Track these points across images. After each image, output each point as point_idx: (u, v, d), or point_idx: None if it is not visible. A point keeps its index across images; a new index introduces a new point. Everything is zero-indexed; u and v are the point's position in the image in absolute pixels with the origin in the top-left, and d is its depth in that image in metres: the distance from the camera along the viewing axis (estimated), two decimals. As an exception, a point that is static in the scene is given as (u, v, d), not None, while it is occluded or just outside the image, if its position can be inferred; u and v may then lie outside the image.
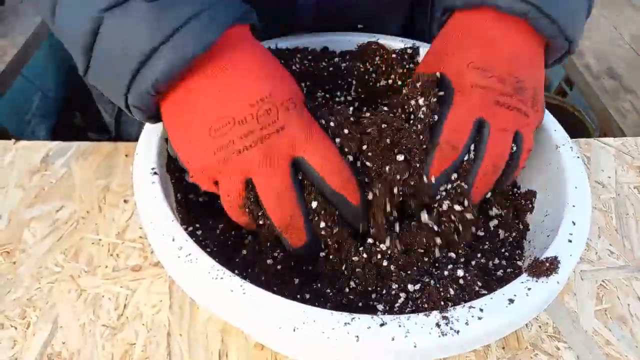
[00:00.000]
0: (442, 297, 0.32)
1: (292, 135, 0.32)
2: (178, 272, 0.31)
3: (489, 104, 0.35)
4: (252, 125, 0.31)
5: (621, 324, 0.43)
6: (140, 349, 0.39)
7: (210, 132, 0.32)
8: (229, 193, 0.33)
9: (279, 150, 0.32)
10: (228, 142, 0.31)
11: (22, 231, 0.47)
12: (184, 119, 0.33)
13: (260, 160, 0.31)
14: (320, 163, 0.33)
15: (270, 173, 0.32)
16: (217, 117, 0.32)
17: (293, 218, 0.33)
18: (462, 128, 0.35)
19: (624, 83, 0.97)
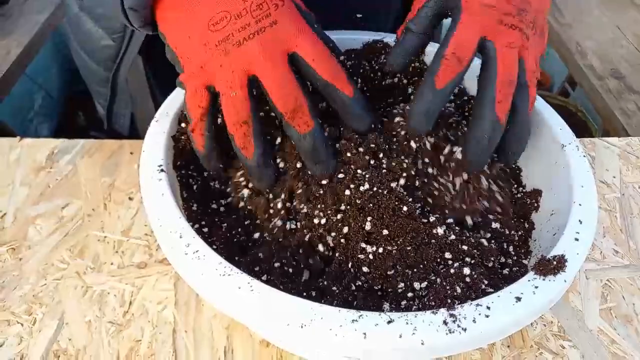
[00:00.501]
0: (449, 294, 0.32)
1: (285, 30, 0.34)
2: (185, 269, 0.31)
3: (494, 22, 0.36)
4: (248, 18, 0.33)
5: (626, 323, 0.43)
6: (146, 346, 0.39)
7: (209, 27, 0.33)
8: (231, 86, 0.34)
9: (275, 43, 0.34)
10: (228, 35, 0.33)
11: (28, 228, 0.47)
12: (181, 16, 0.34)
13: (260, 52, 0.33)
14: (311, 56, 0.34)
15: (272, 64, 0.33)
16: (214, 11, 0.33)
17: (298, 101, 0.34)
18: (467, 43, 0.36)
19: (628, 83, 0.97)
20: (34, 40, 1.01)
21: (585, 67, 1.01)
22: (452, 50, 0.36)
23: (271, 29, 0.33)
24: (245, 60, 0.33)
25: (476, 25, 0.36)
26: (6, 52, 0.96)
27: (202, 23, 0.33)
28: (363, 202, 0.34)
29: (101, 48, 0.59)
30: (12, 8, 1.07)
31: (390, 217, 0.34)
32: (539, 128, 0.43)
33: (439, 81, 0.35)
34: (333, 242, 0.35)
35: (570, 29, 1.13)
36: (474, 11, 0.36)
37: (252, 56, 0.33)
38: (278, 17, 0.34)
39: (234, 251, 0.36)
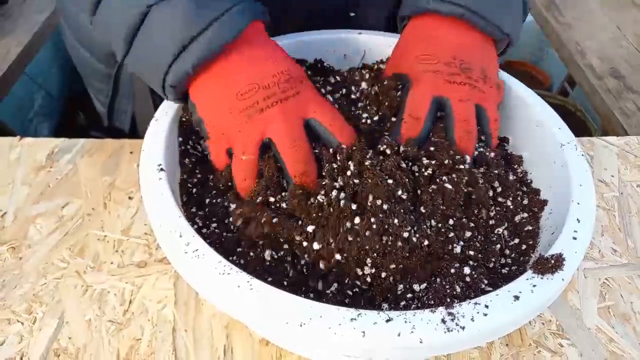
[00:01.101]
0: (448, 294, 0.32)
1: (307, 99, 0.38)
2: (185, 268, 0.32)
3: (442, 82, 0.40)
4: (275, 89, 0.37)
5: (624, 322, 0.43)
6: (146, 345, 0.39)
7: (237, 97, 0.36)
8: (245, 150, 0.36)
9: (295, 109, 0.37)
10: (253, 103, 0.36)
11: (28, 227, 0.47)
12: (213, 88, 0.37)
13: (279, 116, 0.36)
14: (330, 121, 0.38)
15: (287, 125, 0.36)
16: (244, 84, 0.37)
17: (307, 163, 0.36)
18: (421, 102, 0.40)
19: (628, 83, 0.97)
20: (34, 40, 1.01)
21: (585, 67, 1.01)
22: (408, 112, 0.40)
23: (294, 98, 0.37)
24: (265, 124, 0.36)
25: (426, 87, 0.41)
26: (6, 52, 0.96)
27: (232, 93, 0.36)
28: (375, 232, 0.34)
29: (100, 44, 0.59)
30: (12, 8, 1.07)
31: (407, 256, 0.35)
32: (538, 128, 0.44)
33: (402, 140, 0.40)
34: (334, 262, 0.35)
35: (570, 29, 1.13)
36: (421, 78, 0.41)
37: (272, 119, 0.36)
38: (302, 89, 0.38)
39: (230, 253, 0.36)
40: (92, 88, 0.68)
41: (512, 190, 0.41)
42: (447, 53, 0.42)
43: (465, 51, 0.42)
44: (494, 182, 0.40)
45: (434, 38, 0.43)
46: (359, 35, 0.51)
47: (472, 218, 0.38)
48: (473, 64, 0.41)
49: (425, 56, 0.42)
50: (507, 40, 0.45)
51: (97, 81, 0.65)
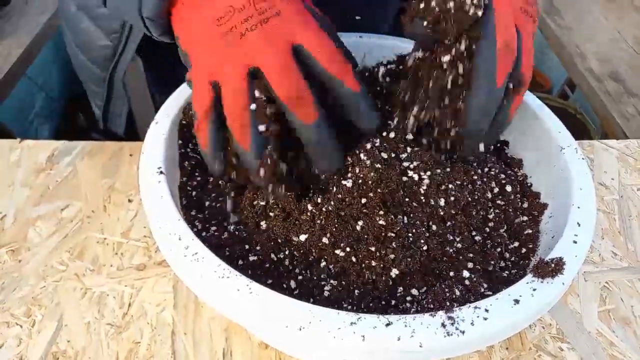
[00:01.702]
0: (448, 297, 0.32)
1: (289, 21, 0.33)
2: (184, 271, 0.31)
3: (518, 10, 0.36)
4: (251, 10, 0.33)
5: (625, 326, 0.43)
6: (145, 348, 0.39)
7: (214, 22, 0.33)
8: (232, 78, 0.33)
9: (278, 33, 0.33)
10: (231, 27, 0.33)
11: (28, 230, 0.47)
12: (191, 16, 0.35)
13: (262, 41, 0.33)
14: (316, 47, 0.33)
15: (273, 51, 0.33)
16: (220, 7, 0.33)
17: (300, 90, 0.33)
18: (512, 30, 0.35)
19: (628, 86, 0.97)
20: (35, 41, 1.01)
21: (585, 70, 1.01)
22: (503, 39, 0.34)
23: (274, 19, 0.33)
24: (247, 50, 0.33)
25: (510, 12, 0.35)
26: (7, 53, 0.96)
27: (209, 19, 0.33)
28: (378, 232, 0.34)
29: (98, 48, 0.59)
30: (13, 9, 1.07)
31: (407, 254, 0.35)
32: (538, 131, 0.44)
33: (499, 78, 0.34)
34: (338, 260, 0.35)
35: (570, 32, 1.13)
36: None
37: (254, 46, 0.33)
38: (282, 9, 0.33)
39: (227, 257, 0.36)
40: (89, 91, 0.68)
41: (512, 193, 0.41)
42: None
43: None
44: (491, 183, 0.40)
45: None
46: (358, 39, 0.51)
47: (471, 221, 0.38)
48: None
49: None
50: None
51: (93, 84, 0.65)
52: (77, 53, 0.64)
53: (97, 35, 0.58)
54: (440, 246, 0.36)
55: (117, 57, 0.59)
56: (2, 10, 1.06)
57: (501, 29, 0.34)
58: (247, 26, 0.33)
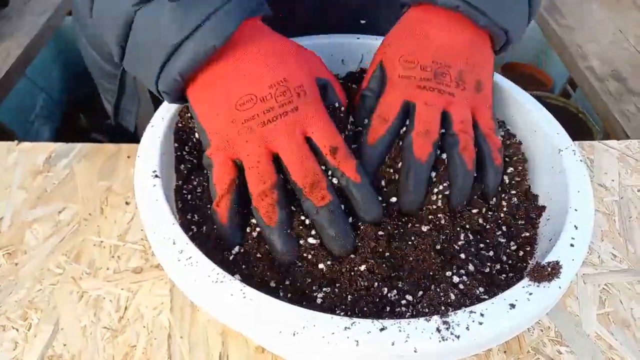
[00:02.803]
0: (443, 301, 0.32)
1: (305, 115, 0.37)
2: (178, 275, 0.31)
3: (412, 88, 0.40)
4: (272, 103, 0.36)
5: (624, 328, 0.43)
6: (141, 351, 0.39)
7: (236, 107, 0.36)
8: (258, 159, 0.35)
9: (297, 126, 0.36)
10: (253, 115, 0.36)
11: (25, 232, 0.47)
12: (211, 95, 0.37)
13: (282, 131, 0.36)
14: (323, 142, 0.37)
15: (293, 142, 0.36)
16: (241, 95, 0.36)
17: (316, 175, 0.35)
18: (390, 106, 0.40)
19: (629, 86, 0.96)
20: (34, 42, 1.01)
21: (586, 69, 1.01)
22: (377, 113, 0.41)
23: (293, 113, 0.36)
24: (269, 137, 0.35)
25: (397, 92, 0.41)
26: (6, 54, 0.96)
27: (230, 103, 0.36)
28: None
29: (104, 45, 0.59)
30: (12, 10, 1.07)
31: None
32: (536, 133, 0.43)
33: (369, 139, 0.40)
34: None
35: (571, 31, 1.13)
36: (395, 82, 0.41)
37: (275, 135, 0.35)
38: (299, 104, 0.36)
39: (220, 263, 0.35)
40: (100, 87, 0.69)
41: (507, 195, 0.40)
42: (428, 55, 0.41)
43: (448, 52, 0.41)
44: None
45: (421, 36, 0.42)
46: (357, 40, 0.51)
47: (466, 224, 0.38)
48: (452, 67, 0.41)
49: (408, 59, 0.41)
50: (502, 39, 0.43)
51: (104, 81, 0.66)
52: (89, 49, 0.64)
53: None
54: (436, 249, 0.35)
55: None
56: (1, 12, 1.06)
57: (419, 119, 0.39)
58: (269, 117, 0.36)
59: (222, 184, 0.36)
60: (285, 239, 0.35)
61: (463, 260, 0.36)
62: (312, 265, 0.34)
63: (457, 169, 0.39)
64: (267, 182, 0.35)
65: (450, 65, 0.41)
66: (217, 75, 0.37)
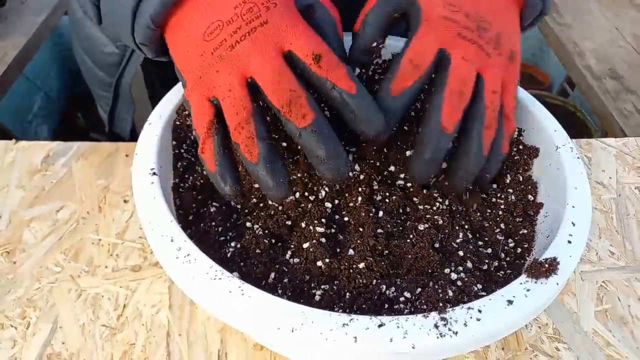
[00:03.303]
0: (441, 298, 0.32)
1: (276, 28, 0.33)
2: (176, 273, 0.31)
3: (452, 35, 0.35)
4: (239, 22, 0.33)
5: (622, 325, 0.43)
6: (140, 349, 0.39)
7: (204, 37, 0.34)
8: (230, 88, 0.33)
9: (267, 41, 0.33)
10: (221, 41, 0.33)
11: (23, 231, 0.47)
12: (181, 37, 0.35)
13: (252, 50, 0.32)
14: (305, 51, 0.33)
15: (264, 58, 0.32)
16: (208, 23, 0.34)
17: (294, 92, 0.32)
18: (425, 52, 0.35)
19: (626, 84, 0.96)
20: (31, 42, 1.01)
21: (583, 68, 1.01)
22: (409, 58, 0.35)
23: (262, 28, 0.33)
24: (240, 61, 0.33)
25: (435, 36, 0.35)
26: (3, 54, 0.96)
27: (199, 35, 0.34)
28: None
29: (105, 54, 0.59)
30: (9, 10, 1.07)
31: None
32: (533, 130, 0.43)
33: (393, 89, 0.35)
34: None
35: (568, 30, 1.13)
36: (433, 22, 0.36)
37: (246, 56, 0.32)
38: (269, 17, 0.33)
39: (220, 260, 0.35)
40: (95, 94, 0.69)
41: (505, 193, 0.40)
42: (472, 4, 0.36)
43: (490, 8, 0.37)
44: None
45: None
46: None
47: (464, 221, 0.38)
48: (493, 26, 0.36)
49: (450, 0, 0.36)
50: (539, 6, 0.39)
51: (99, 88, 0.65)
52: (84, 57, 0.64)
53: (104, 42, 0.58)
54: (434, 246, 0.35)
55: (124, 64, 0.59)
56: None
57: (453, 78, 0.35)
58: (237, 38, 0.33)
59: (201, 126, 0.34)
60: (272, 174, 0.32)
61: (461, 257, 0.36)
62: (311, 263, 0.34)
63: (473, 148, 0.35)
64: (242, 112, 0.32)
65: (491, 22, 0.36)
66: (185, 12, 0.35)
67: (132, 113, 0.65)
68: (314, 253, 0.35)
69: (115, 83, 0.62)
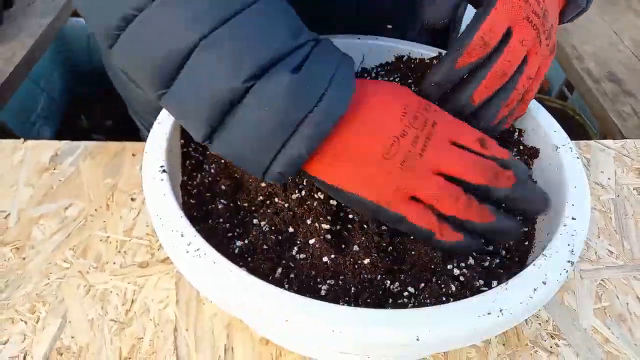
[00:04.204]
0: (444, 293, 0.33)
1: (444, 124, 0.35)
2: (186, 267, 0.32)
3: (521, 16, 0.36)
4: (413, 131, 0.33)
5: (620, 322, 0.44)
6: (148, 344, 0.40)
7: (384, 157, 0.33)
8: (439, 188, 0.33)
9: (445, 141, 0.34)
10: (406, 153, 0.33)
11: (32, 228, 0.48)
12: (349, 161, 0.33)
13: (439, 153, 0.33)
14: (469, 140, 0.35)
15: (455, 156, 0.34)
16: (381, 144, 0.33)
17: (494, 167, 0.34)
18: (497, 30, 0.36)
19: (625, 87, 0.98)
20: (38, 44, 1.02)
21: (582, 71, 1.02)
22: (481, 34, 0.36)
23: (434, 128, 0.34)
24: (432, 163, 0.33)
25: (508, 15, 0.36)
26: (11, 55, 0.97)
27: (377, 156, 0.33)
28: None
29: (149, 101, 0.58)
30: (17, 11, 1.08)
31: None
32: (533, 130, 0.44)
33: (459, 62, 0.36)
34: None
35: (567, 33, 1.14)
36: (510, 1, 0.36)
37: (436, 156, 0.33)
38: (434, 118, 0.35)
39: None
40: (145, 122, 0.66)
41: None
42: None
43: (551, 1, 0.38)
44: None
45: None
46: (357, 40, 0.52)
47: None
48: (550, 15, 0.37)
49: None
50: (583, 3, 0.40)
51: (148, 114, 0.62)
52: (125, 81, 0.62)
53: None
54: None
55: None
56: (6, 12, 1.07)
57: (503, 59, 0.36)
58: (420, 145, 0.33)
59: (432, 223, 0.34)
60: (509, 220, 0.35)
61: (463, 254, 0.36)
62: (316, 258, 0.35)
63: (486, 116, 0.38)
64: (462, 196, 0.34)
65: (550, 13, 0.38)
66: (348, 137, 0.33)
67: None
68: (319, 249, 0.36)
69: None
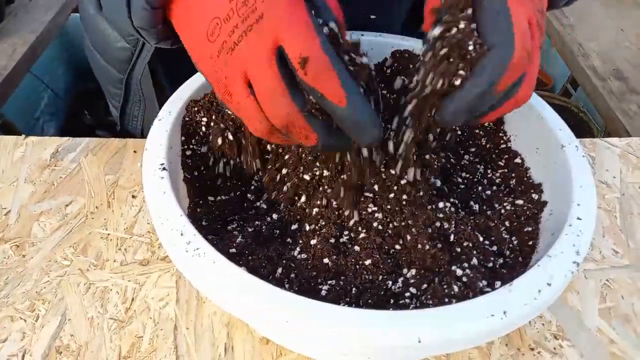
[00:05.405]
0: (447, 293, 0.32)
1: (270, 23, 0.29)
2: (186, 266, 0.32)
3: (533, 13, 0.32)
4: (235, 19, 0.29)
5: (625, 323, 0.43)
6: (147, 342, 0.40)
7: (208, 38, 0.31)
8: (239, 99, 0.31)
9: (261, 41, 0.29)
10: (222, 43, 0.30)
11: (32, 225, 0.48)
12: (188, 26, 0.33)
13: (248, 55, 0.29)
14: (293, 52, 0.29)
15: (260, 69, 0.29)
16: (208, 20, 0.31)
17: (290, 115, 0.30)
18: (527, 32, 0.31)
19: (630, 85, 0.97)
20: (40, 39, 1.02)
21: (588, 68, 1.01)
22: (520, 53, 0.30)
23: (257, 25, 0.29)
24: (240, 63, 0.30)
25: (525, 15, 0.31)
26: (12, 51, 0.96)
27: (202, 35, 0.31)
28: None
29: (116, 49, 0.59)
30: (18, 7, 1.08)
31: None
32: (539, 128, 0.44)
33: (499, 87, 0.30)
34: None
35: (573, 30, 1.13)
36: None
37: (244, 58, 0.30)
38: (264, 10, 0.29)
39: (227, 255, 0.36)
40: (107, 92, 0.69)
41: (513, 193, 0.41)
42: None
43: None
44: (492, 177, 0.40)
45: None
46: (361, 37, 0.51)
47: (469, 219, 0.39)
48: (545, 8, 0.35)
49: None
50: None
51: (110, 85, 0.66)
52: (95, 54, 0.64)
53: (115, 37, 0.59)
54: (440, 244, 0.36)
55: (134, 59, 0.59)
56: (7, 8, 1.07)
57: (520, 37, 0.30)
58: (234, 39, 0.30)
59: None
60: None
61: (467, 255, 0.36)
62: (318, 259, 0.35)
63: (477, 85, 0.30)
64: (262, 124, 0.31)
65: (543, 7, 0.34)
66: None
67: (143, 111, 0.66)
68: (321, 250, 0.35)
69: (126, 80, 0.62)
